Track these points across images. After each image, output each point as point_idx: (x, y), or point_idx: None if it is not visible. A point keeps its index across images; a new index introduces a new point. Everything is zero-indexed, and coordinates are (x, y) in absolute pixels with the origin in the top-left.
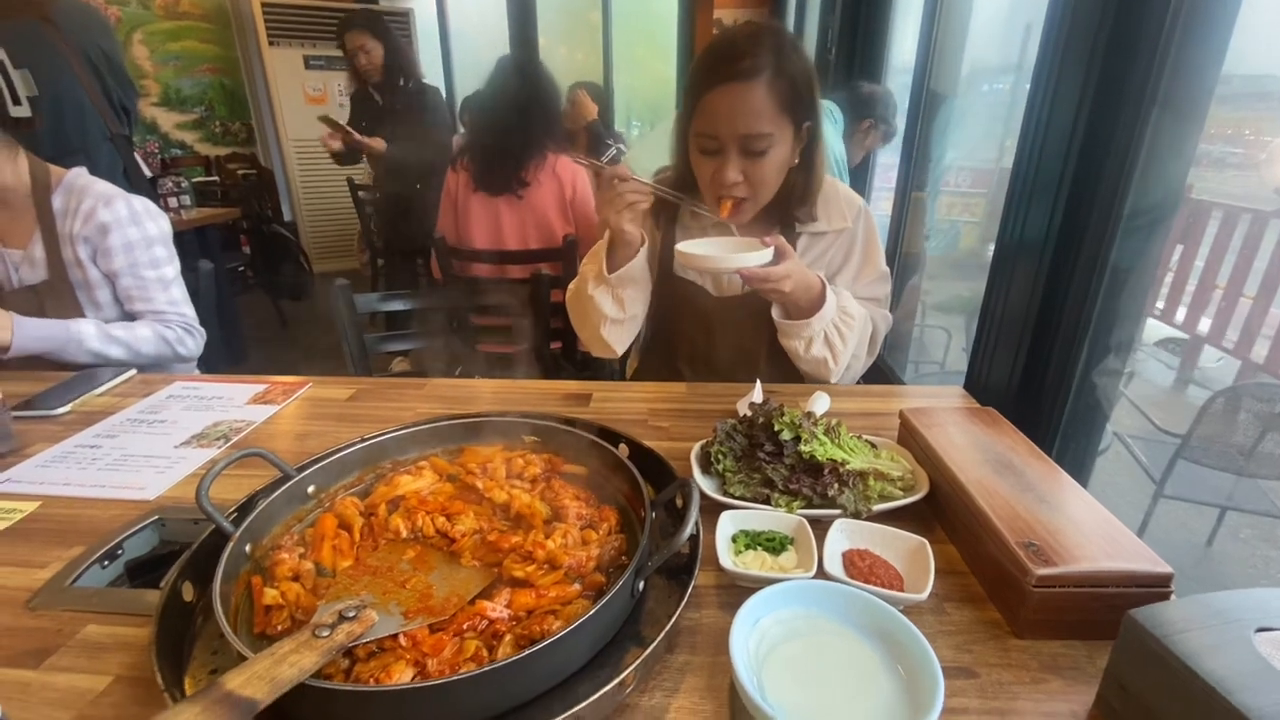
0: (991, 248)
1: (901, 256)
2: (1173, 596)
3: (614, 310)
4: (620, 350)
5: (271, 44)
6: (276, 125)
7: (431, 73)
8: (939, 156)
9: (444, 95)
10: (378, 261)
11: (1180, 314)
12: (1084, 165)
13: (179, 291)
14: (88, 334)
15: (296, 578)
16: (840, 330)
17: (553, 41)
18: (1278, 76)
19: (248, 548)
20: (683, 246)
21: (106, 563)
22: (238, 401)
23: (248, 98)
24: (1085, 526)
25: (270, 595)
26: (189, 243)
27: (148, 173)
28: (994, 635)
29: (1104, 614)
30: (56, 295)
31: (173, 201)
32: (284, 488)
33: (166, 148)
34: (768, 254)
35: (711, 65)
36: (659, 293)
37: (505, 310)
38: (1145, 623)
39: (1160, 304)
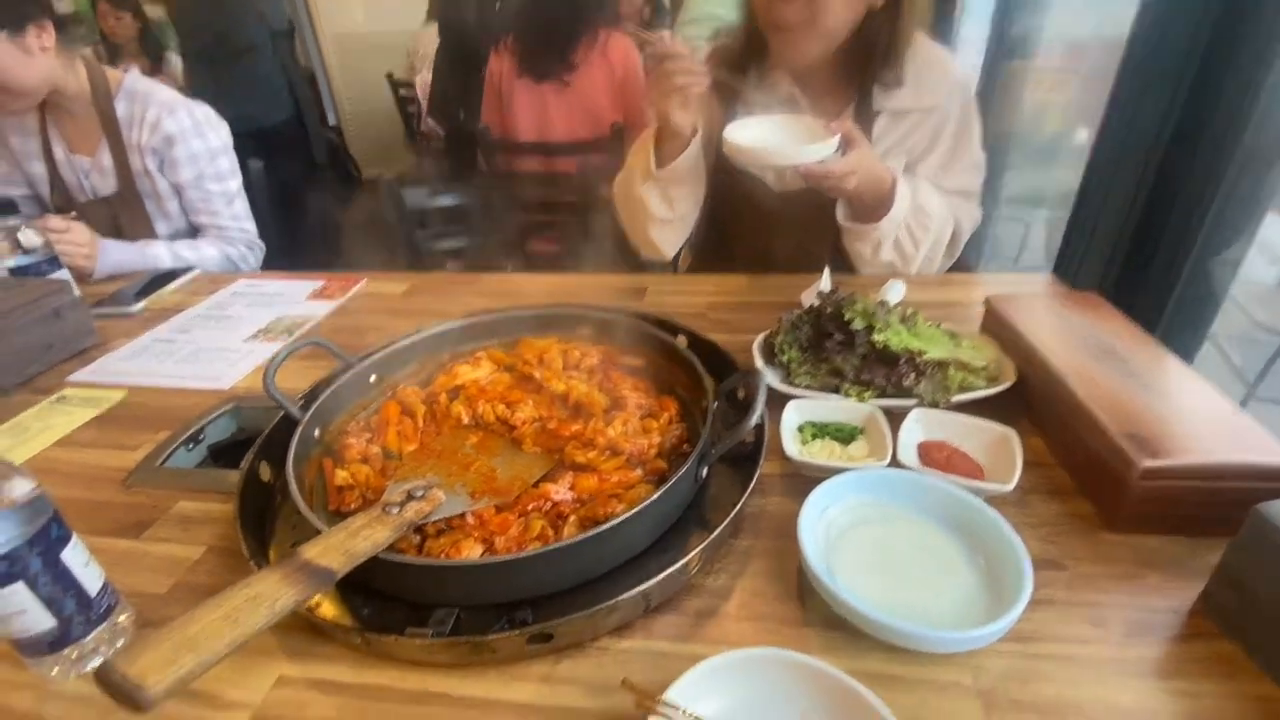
0: (1080, 132)
1: (987, 137)
2: None
3: (662, 210)
4: (670, 253)
5: None
6: (313, 20)
7: None
8: (1028, 26)
9: None
10: (423, 164)
11: None
12: (1218, 40)
13: (242, 205)
14: (161, 257)
15: (365, 460)
16: (913, 233)
17: None
18: None
19: (316, 432)
20: (733, 132)
21: (191, 446)
22: (297, 297)
23: None
24: (1199, 416)
25: (341, 476)
26: (242, 147)
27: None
28: (1083, 529)
29: (1217, 509)
30: (128, 206)
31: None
32: (346, 376)
33: None
34: (830, 146)
35: None
36: (713, 182)
37: (554, 205)
38: (1277, 519)
39: None
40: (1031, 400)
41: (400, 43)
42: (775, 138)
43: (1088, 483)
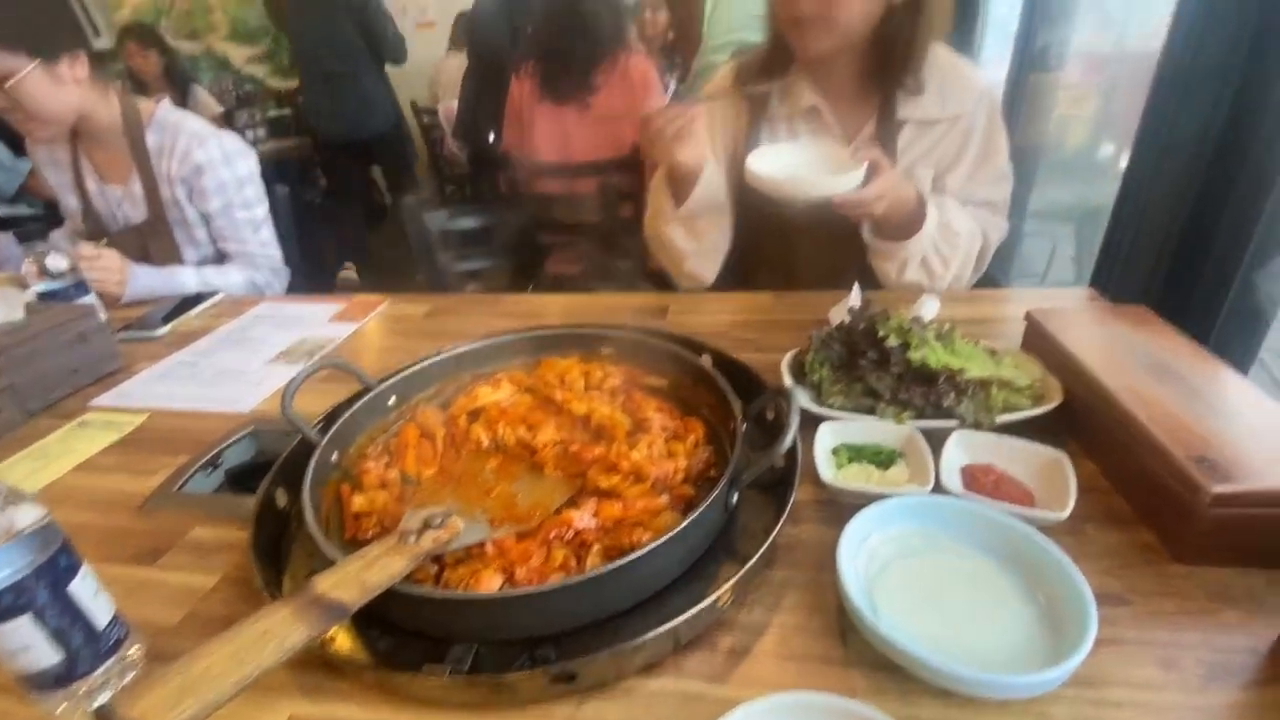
0: (1106, 147)
1: (1013, 152)
2: None
3: (690, 244)
4: (709, 279)
5: None
6: None
7: None
8: (1050, 40)
9: None
10: (445, 188)
11: None
12: (1261, 48)
13: (268, 232)
14: (188, 282)
15: (383, 485)
16: (941, 252)
17: None
18: None
19: (335, 456)
20: (755, 161)
21: (209, 470)
22: (320, 320)
23: None
24: (1271, 438)
25: (358, 502)
26: (267, 175)
27: (218, 108)
28: (1147, 560)
29: None
30: (158, 235)
31: (248, 135)
32: (366, 398)
33: (240, 83)
34: (857, 176)
35: None
36: (738, 202)
37: (576, 225)
38: None
39: None
40: (1081, 421)
41: (423, 73)
42: (799, 165)
43: (1149, 510)
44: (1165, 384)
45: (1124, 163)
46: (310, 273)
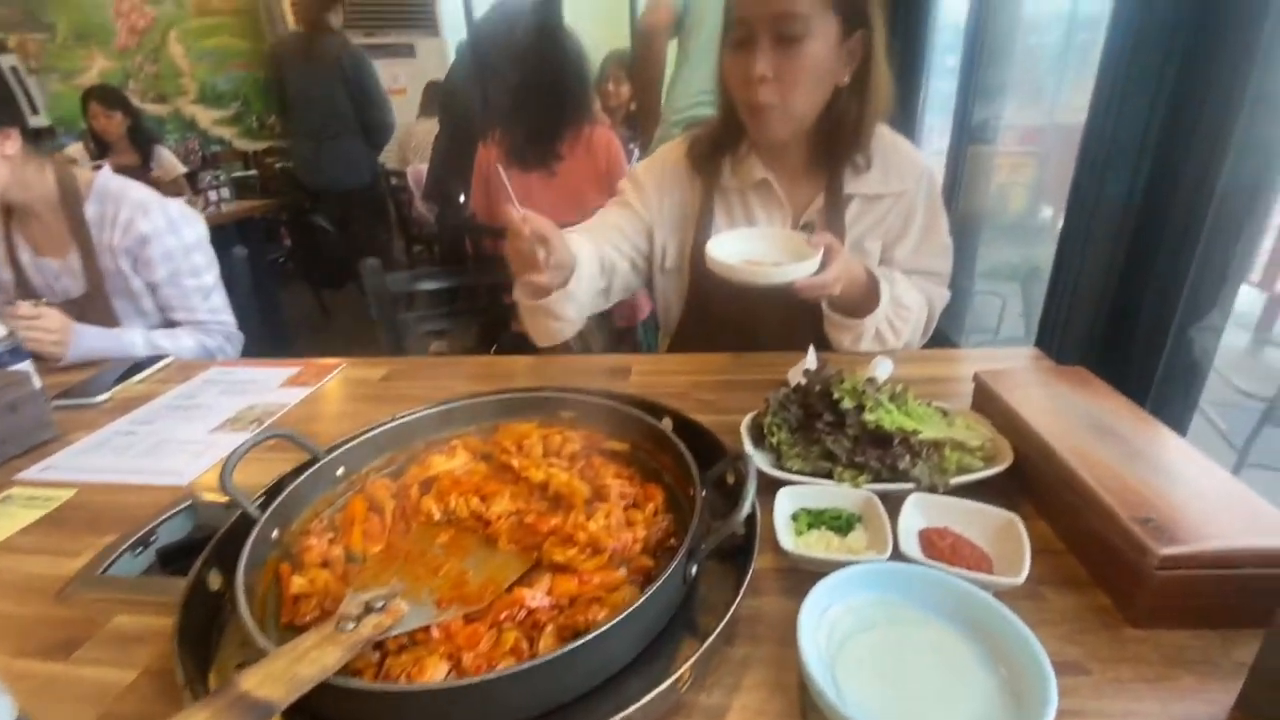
0: (1045, 210)
1: (958, 217)
2: None
3: (551, 324)
4: (565, 339)
5: None
6: None
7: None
8: (988, 114)
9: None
10: (412, 248)
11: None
12: (1169, 128)
13: (219, 298)
14: (136, 344)
15: (326, 564)
16: (894, 325)
17: (578, 14)
18: None
19: (275, 533)
20: (714, 247)
21: (139, 550)
22: (271, 385)
23: None
24: (1211, 497)
25: (298, 583)
26: (229, 236)
27: (182, 169)
28: (1104, 623)
29: (1243, 598)
30: (95, 308)
31: (212, 195)
32: (312, 470)
33: (206, 144)
34: (813, 264)
35: None
36: (693, 272)
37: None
38: None
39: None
40: (1032, 482)
41: (394, 137)
42: (756, 250)
43: (1102, 573)
44: (1108, 444)
45: (1060, 226)
46: (270, 334)
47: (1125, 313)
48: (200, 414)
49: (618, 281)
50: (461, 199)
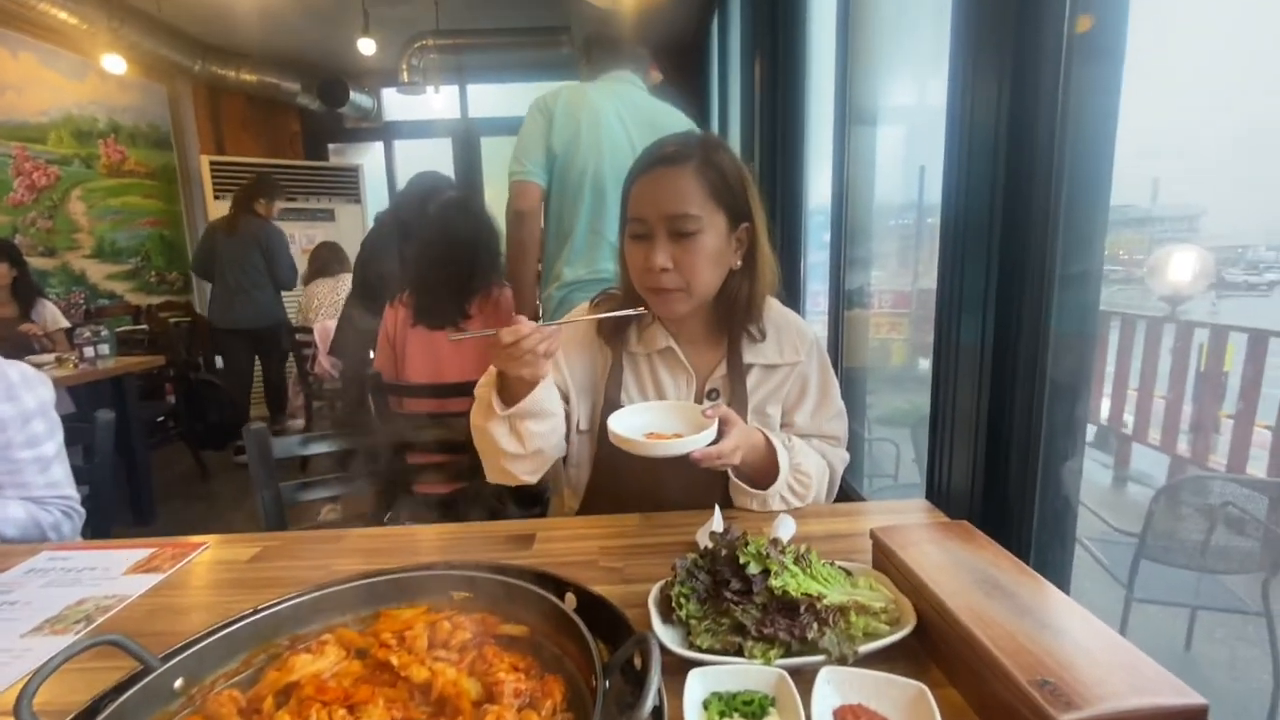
0: (922, 361)
1: (843, 373)
2: None
3: (513, 445)
4: (531, 480)
5: (218, 198)
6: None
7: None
8: (862, 281)
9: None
10: (311, 404)
11: (1104, 412)
12: (1005, 285)
13: (60, 470)
14: None
15: None
16: (795, 491)
17: (498, 193)
18: (1136, 205)
19: None
20: (615, 422)
21: None
22: (113, 572)
23: (188, 248)
24: (1097, 654)
25: None
26: (101, 392)
27: (65, 323)
28: None
29: None
30: None
31: (89, 351)
32: (141, 684)
33: (93, 298)
34: (709, 434)
35: (642, 159)
36: (602, 435)
37: (443, 446)
38: None
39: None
40: (936, 644)
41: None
42: (656, 423)
43: None
44: (999, 603)
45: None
46: (136, 502)
47: (996, 462)
48: (14, 613)
49: (561, 425)
50: (371, 355)
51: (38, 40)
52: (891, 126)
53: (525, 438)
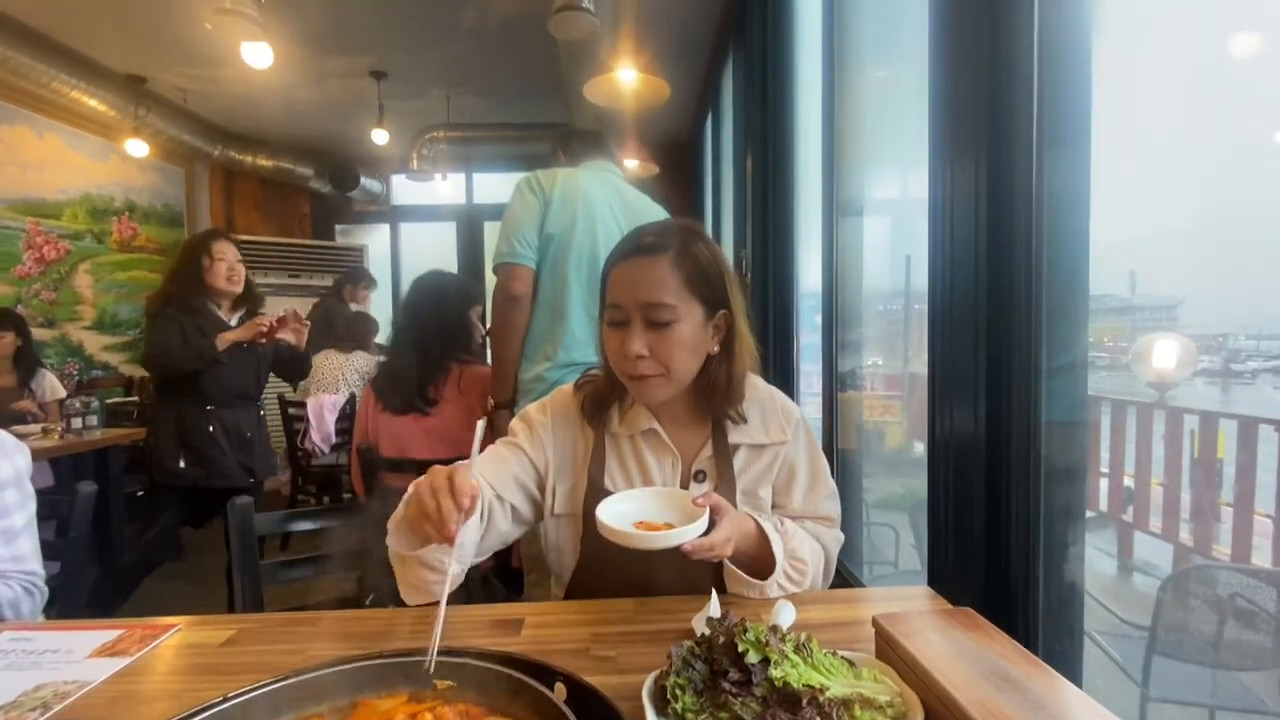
0: (917, 444)
1: (839, 455)
2: None
3: (428, 576)
4: (434, 599)
5: None
6: None
7: (381, 301)
8: (854, 364)
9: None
10: (298, 480)
11: (1102, 499)
12: (994, 371)
13: (27, 544)
14: None
15: None
16: (792, 577)
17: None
18: (1116, 295)
19: None
20: (604, 511)
21: None
22: (76, 655)
23: None
24: None
25: None
26: (84, 464)
27: (63, 393)
28: None
29: None
30: None
31: (76, 422)
32: None
33: (88, 369)
34: (700, 525)
35: (621, 247)
36: (587, 518)
37: None
38: None
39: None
40: None
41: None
42: (645, 511)
43: None
44: (1010, 696)
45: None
46: (110, 579)
47: (995, 544)
48: None
49: (492, 534)
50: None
51: (64, 124)
52: (878, 217)
53: (437, 566)
